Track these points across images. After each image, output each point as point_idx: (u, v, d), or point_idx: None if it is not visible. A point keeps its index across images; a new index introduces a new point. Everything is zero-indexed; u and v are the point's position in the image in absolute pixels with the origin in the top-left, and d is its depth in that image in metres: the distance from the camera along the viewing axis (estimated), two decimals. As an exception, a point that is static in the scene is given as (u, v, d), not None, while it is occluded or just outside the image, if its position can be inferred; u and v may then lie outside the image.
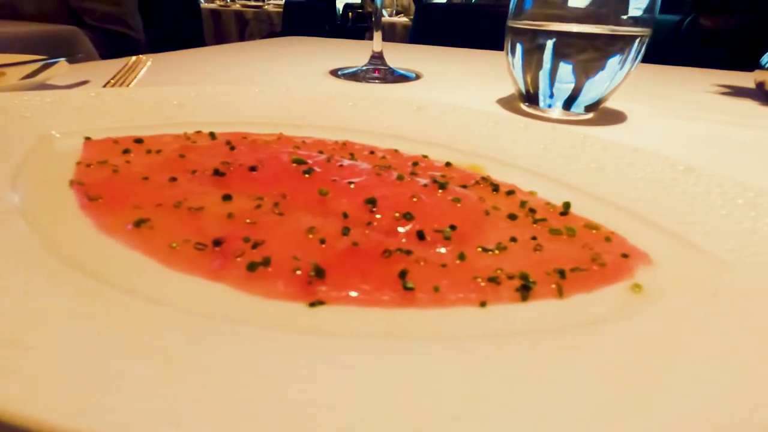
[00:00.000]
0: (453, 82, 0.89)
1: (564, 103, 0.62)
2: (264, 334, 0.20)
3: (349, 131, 0.48)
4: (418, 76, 0.89)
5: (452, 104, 0.51)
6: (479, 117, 0.48)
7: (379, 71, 0.86)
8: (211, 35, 4.16)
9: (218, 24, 4.31)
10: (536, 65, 0.60)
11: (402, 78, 0.86)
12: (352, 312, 0.23)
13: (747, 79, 0.89)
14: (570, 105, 0.62)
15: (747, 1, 1.96)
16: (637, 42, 0.56)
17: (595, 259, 0.27)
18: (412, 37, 1.93)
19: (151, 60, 0.66)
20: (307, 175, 0.33)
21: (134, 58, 0.66)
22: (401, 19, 3.64)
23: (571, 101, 0.61)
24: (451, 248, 0.27)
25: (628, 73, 0.58)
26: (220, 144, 0.40)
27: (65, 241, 0.26)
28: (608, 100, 0.63)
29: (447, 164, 0.40)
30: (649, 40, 0.57)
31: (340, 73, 0.87)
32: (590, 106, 0.62)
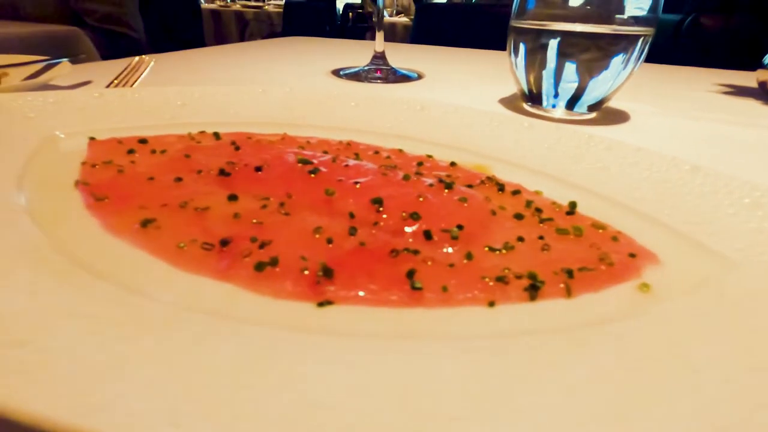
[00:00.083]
0: (455, 82, 0.89)
1: (567, 102, 0.62)
2: (273, 334, 0.20)
3: (352, 131, 0.48)
4: (420, 76, 0.89)
5: (456, 104, 0.51)
6: (483, 117, 0.48)
7: (381, 71, 0.86)
8: (212, 36, 4.16)
9: (218, 24, 4.31)
10: (539, 65, 0.60)
11: (404, 78, 0.86)
12: (361, 312, 0.23)
13: (749, 79, 0.89)
14: (573, 105, 0.62)
15: (747, 0, 1.96)
16: (641, 41, 0.56)
17: (602, 258, 0.27)
18: (413, 37, 1.93)
19: (154, 60, 0.66)
20: (312, 175, 0.33)
21: (137, 58, 0.66)
22: (401, 19, 3.64)
23: (574, 101, 0.61)
24: (458, 248, 0.27)
25: (631, 73, 0.58)
26: (225, 144, 0.40)
27: (72, 242, 0.26)
28: (611, 100, 0.63)
29: (452, 164, 0.40)
30: (652, 40, 0.57)
31: (342, 73, 0.87)
32: (593, 106, 0.62)
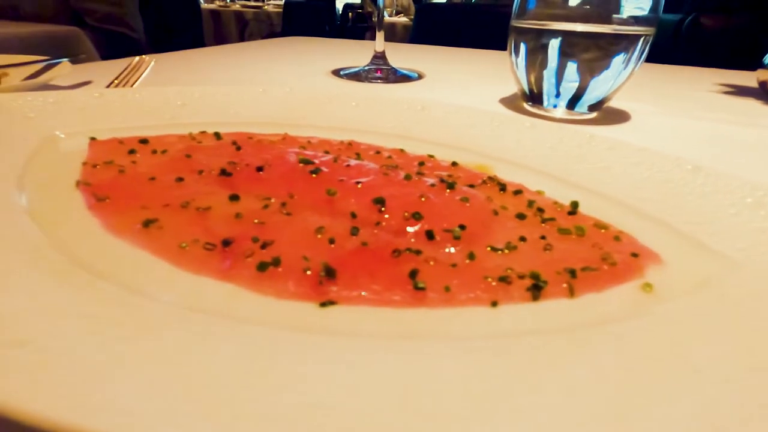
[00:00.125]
0: (455, 82, 0.89)
1: (568, 102, 0.62)
2: (275, 334, 0.20)
3: (353, 131, 0.48)
4: (420, 76, 0.89)
5: (457, 104, 0.51)
6: (484, 117, 0.48)
7: (382, 71, 0.86)
8: (211, 36, 4.15)
9: (218, 24, 4.31)
10: (540, 65, 0.60)
11: (404, 78, 0.86)
12: (363, 312, 0.23)
13: (749, 79, 0.89)
14: (574, 104, 0.62)
15: (747, 0, 1.96)
16: (641, 41, 0.56)
17: (605, 258, 0.27)
18: (413, 37, 1.93)
19: (154, 60, 0.65)
20: (314, 175, 0.33)
21: (137, 58, 0.66)
22: (401, 19, 3.64)
23: (575, 101, 0.61)
24: (460, 248, 0.27)
25: (632, 73, 0.58)
26: (226, 144, 0.40)
27: (74, 242, 0.26)
28: (611, 100, 0.63)
29: (453, 164, 0.40)
30: (653, 40, 0.57)
31: (342, 73, 0.87)
32: (594, 106, 0.62)
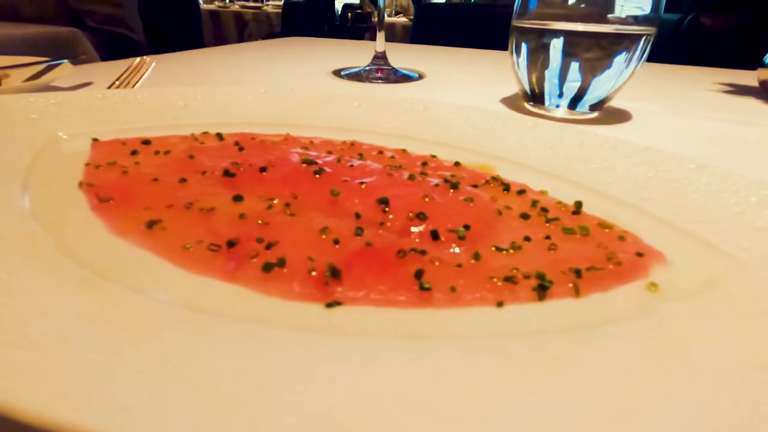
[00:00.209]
0: (456, 82, 0.89)
1: (569, 102, 0.62)
2: (281, 335, 0.20)
3: (355, 131, 0.48)
4: (421, 76, 0.89)
5: (459, 104, 0.51)
6: (487, 116, 0.48)
7: (382, 71, 0.86)
8: (211, 36, 4.15)
9: (217, 25, 4.30)
10: (542, 65, 0.60)
11: (405, 78, 0.86)
12: (369, 312, 0.23)
13: (750, 78, 0.89)
14: (575, 104, 0.62)
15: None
16: (643, 40, 0.56)
17: (610, 258, 0.27)
18: (413, 37, 1.93)
19: (155, 61, 0.65)
20: (317, 176, 0.33)
21: (138, 59, 0.66)
22: (400, 20, 3.64)
23: (576, 100, 0.61)
24: (465, 248, 0.27)
25: (633, 72, 0.58)
26: (229, 145, 0.40)
27: (77, 243, 0.26)
28: (612, 99, 0.63)
29: (456, 164, 0.40)
30: (654, 39, 0.57)
31: (343, 74, 0.87)
32: (595, 105, 0.62)
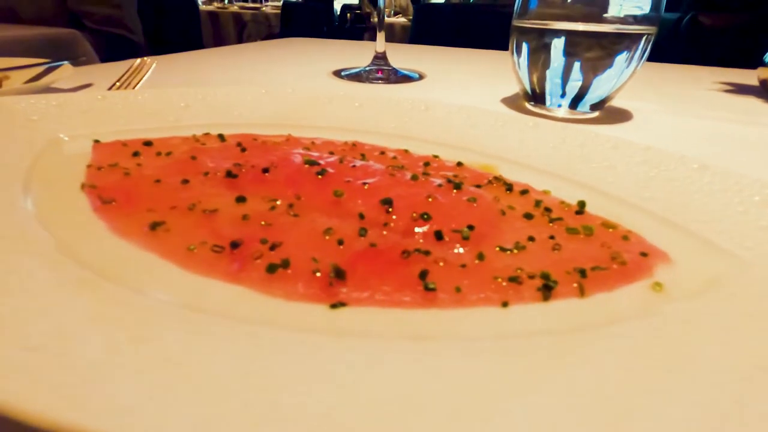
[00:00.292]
0: (456, 82, 0.89)
1: (570, 101, 0.62)
2: (286, 336, 0.20)
3: (356, 132, 0.48)
4: (421, 77, 0.89)
5: (460, 104, 0.51)
6: (488, 116, 0.48)
7: (383, 72, 0.86)
8: (210, 37, 4.15)
9: (216, 26, 4.30)
10: (543, 64, 0.60)
11: (405, 78, 0.86)
12: (374, 313, 0.23)
13: (750, 77, 0.89)
14: (576, 104, 0.62)
15: (745, -1, 1.97)
16: (644, 40, 0.56)
17: (614, 257, 0.27)
18: (412, 38, 1.93)
19: (156, 62, 0.65)
20: (320, 177, 0.33)
21: (138, 60, 0.66)
22: (399, 20, 3.64)
23: (577, 100, 0.61)
24: (469, 248, 0.27)
25: (634, 72, 0.58)
26: (231, 146, 0.40)
27: (81, 245, 0.26)
28: (613, 99, 0.63)
29: (458, 164, 0.40)
30: (654, 38, 0.57)
31: (343, 74, 0.87)
32: (596, 105, 0.62)
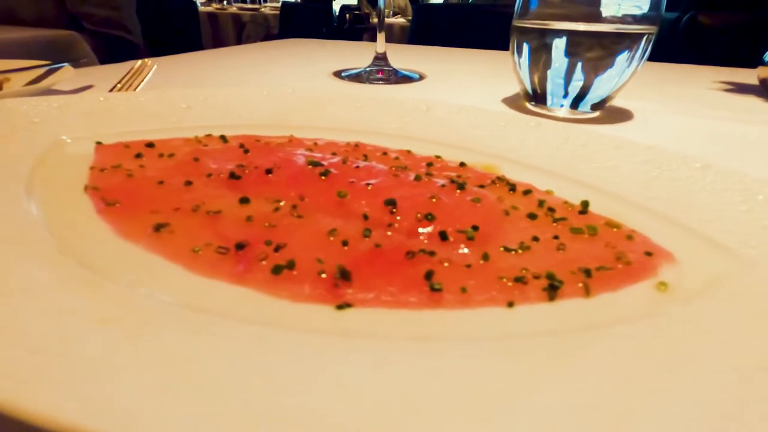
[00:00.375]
0: (457, 83, 0.89)
1: (571, 101, 0.62)
2: (292, 337, 0.20)
3: (358, 132, 0.48)
4: (421, 77, 0.89)
5: (462, 104, 0.51)
6: (490, 117, 0.48)
7: (383, 72, 0.86)
8: (209, 38, 4.15)
9: (215, 27, 4.30)
10: (543, 64, 0.60)
11: (406, 79, 0.86)
12: (380, 314, 0.23)
13: (750, 76, 0.89)
14: (577, 104, 0.62)
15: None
16: (644, 40, 0.56)
17: (619, 257, 0.27)
18: (411, 38, 1.93)
19: (156, 64, 0.65)
20: (324, 177, 0.33)
21: (139, 62, 0.66)
22: (399, 20, 3.64)
23: (578, 100, 0.61)
24: (473, 249, 0.27)
25: (635, 71, 0.58)
26: (233, 147, 0.40)
27: (85, 247, 0.26)
28: (614, 99, 0.63)
29: (461, 164, 0.40)
30: (655, 38, 0.57)
31: (343, 75, 0.87)
32: (597, 105, 0.62)
